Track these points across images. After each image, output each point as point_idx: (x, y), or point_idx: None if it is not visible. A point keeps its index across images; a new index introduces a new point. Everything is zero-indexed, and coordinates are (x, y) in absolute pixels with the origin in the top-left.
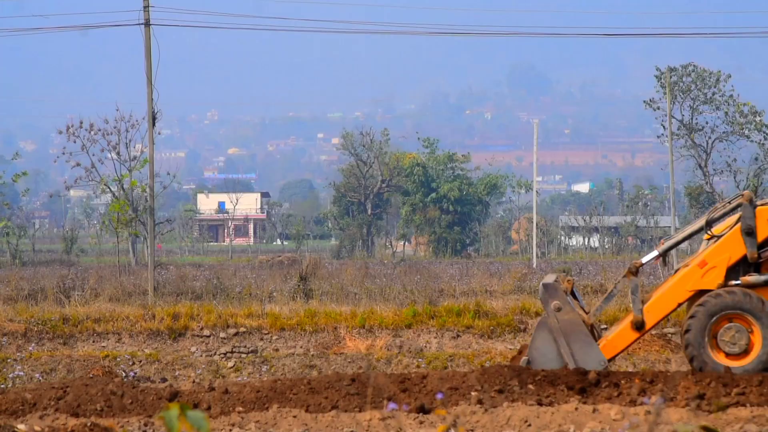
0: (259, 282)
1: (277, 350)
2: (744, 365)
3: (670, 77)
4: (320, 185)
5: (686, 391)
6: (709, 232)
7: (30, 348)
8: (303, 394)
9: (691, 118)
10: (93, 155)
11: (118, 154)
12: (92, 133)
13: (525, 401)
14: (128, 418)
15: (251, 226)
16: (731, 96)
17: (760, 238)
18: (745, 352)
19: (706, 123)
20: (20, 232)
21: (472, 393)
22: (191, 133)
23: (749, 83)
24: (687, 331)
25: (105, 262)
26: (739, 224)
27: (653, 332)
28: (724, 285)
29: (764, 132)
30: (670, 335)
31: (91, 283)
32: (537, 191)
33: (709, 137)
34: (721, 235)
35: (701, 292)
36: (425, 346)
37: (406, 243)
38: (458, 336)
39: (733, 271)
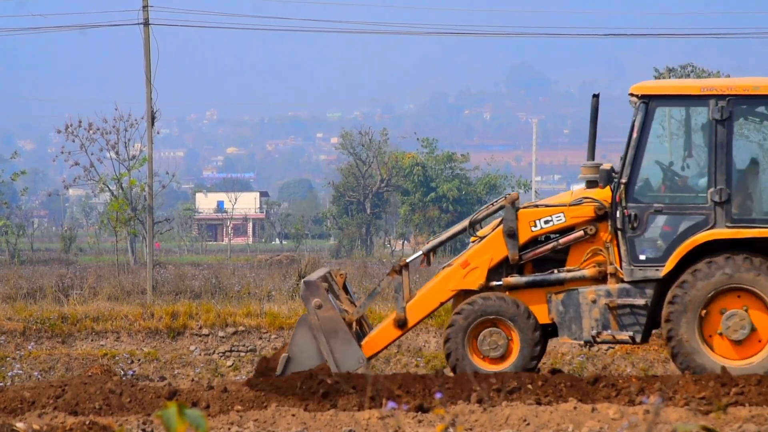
0: (258, 281)
1: (275, 349)
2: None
3: (669, 77)
4: (319, 185)
5: (685, 391)
6: (472, 233)
7: (29, 346)
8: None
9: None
10: (92, 154)
11: (116, 153)
12: (91, 132)
13: (524, 400)
14: (127, 417)
15: (250, 226)
16: None
17: (522, 240)
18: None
19: None
20: (19, 231)
21: (472, 393)
22: (190, 133)
23: None
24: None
25: (104, 261)
26: (501, 226)
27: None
28: (486, 286)
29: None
30: None
31: (89, 281)
32: (536, 191)
33: None
34: (485, 237)
35: (464, 292)
36: (424, 345)
37: (405, 242)
38: None
39: (496, 273)
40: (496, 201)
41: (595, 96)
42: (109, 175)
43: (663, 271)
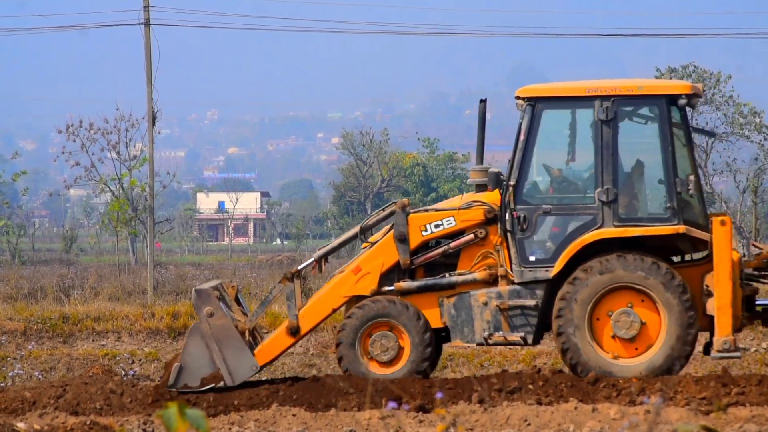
0: (259, 281)
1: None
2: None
3: (670, 77)
4: (320, 185)
5: (686, 391)
6: (364, 239)
7: (29, 346)
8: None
9: (691, 119)
10: (92, 154)
11: (117, 153)
12: (92, 132)
13: (524, 400)
14: (127, 417)
15: (251, 226)
16: (731, 96)
17: (413, 244)
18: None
19: (706, 123)
20: (20, 231)
21: (473, 392)
22: (191, 133)
23: (749, 83)
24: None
25: (104, 261)
26: (392, 231)
27: None
28: (378, 291)
29: (764, 132)
30: None
31: (90, 282)
32: None
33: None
34: (376, 242)
35: (356, 298)
36: None
37: None
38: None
39: (388, 278)
40: (387, 206)
41: (483, 101)
42: (109, 175)
43: (552, 272)
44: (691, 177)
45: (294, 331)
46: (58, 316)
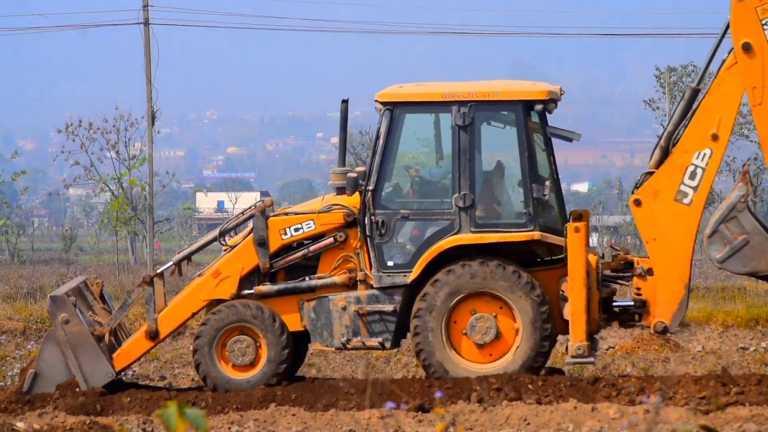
0: None
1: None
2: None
3: (670, 77)
4: (319, 184)
5: (685, 391)
6: (223, 242)
7: (29, 346)
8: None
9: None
10: (92, 154)
11: (117, 152)
12: (91, 131)
13: (524, 400)
14: (127, 416)
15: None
16: None
17: (273, 248)
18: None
19: None
20: (19, 231)
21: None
22: (190, 132)
23: None
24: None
25: (104, 260)
26: (252, 235)
27: (652, 331)
28: (238, 295)
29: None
30: (669, 334)
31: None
32: None
33: None
34: (236, 246)
35: (216, 302)
36: None
37: None
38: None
39: (247, 281)
40: (247, 210)
41: (344, 101)
42: (109, 175)
43: (410, 277)
44: (548, 182)
45: (153, 335)
46: None
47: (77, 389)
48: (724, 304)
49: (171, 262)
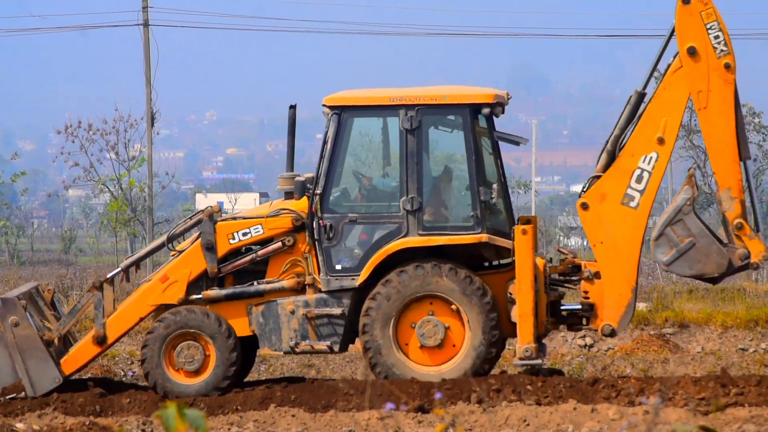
0: None
1: None
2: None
3: None
4: None
5: (684, 392)
6: (171, 247)
7: None
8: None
9: (690, 119)
10: (91, 155)
11: (116, 154)
12: (91, 133)
13: (524, 401)
14: (126, 417)
15: None
16: None
17: (221, 252)
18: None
19: None
20: (19, 232)
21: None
22: (190, 133)
23: (748, 84)
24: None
25: (103, 261)
26: (200, 240)
27: (651, 332)
28: (186, 299)
29: (763, 133)
30: (668, 335)
31: (89, 282)
32: (536, 191)
33: None
34: (184, 251)
35: (164, 307)
36: None
37: None
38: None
39: (196, 286)
40: (194, 215)
41: (292, 107)
42: (108, 176)
43: (359, 281)
44: (495, 186)
45: (101, 340)
46: None
47: (23, 393)
48: (723, 305)
49: (119, 268)
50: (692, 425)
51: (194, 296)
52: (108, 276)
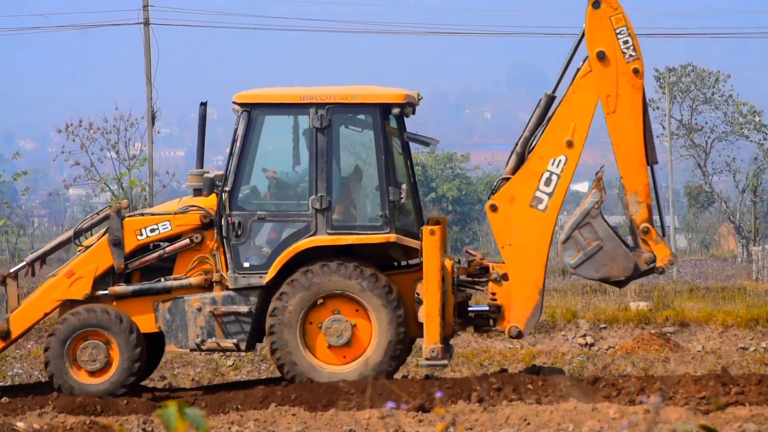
0: None
1: None
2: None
3: (669, 77)
4: None
5: (685, 390)
6: (78, 242)
7: (29, 346)
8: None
9: (691, 118)
10: (92, 154)
11: (117, 152)
12: (91, 131)
13: (524, 400)
14: (127, 417)
15: None
16: (730, 96)
17: (128, 248)
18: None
19: (706, 123)
20: (19, 231)
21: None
22: (190, 132)
23: (749, 83)
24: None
25: None
26: (107, 235)
27: (652, 331)
28: (92, 295)
29: (763, 132)
30: (669, 334)
31: None
32: None
33: (709, 137)
34: (91, 246)
35: (70, 302)
36: None
37: None
38: (457, 335)
39: (102, 282)
40: (102, 210)
41: (203, 104)
42: (109, 175)
43: (266, 278)
44: (404, 186)
45: (4, 336)
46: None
47: None
48: (724, 304)
49: (24, 262)
50: (693, 424)
51: (100, 292)
52: (11, 270)
